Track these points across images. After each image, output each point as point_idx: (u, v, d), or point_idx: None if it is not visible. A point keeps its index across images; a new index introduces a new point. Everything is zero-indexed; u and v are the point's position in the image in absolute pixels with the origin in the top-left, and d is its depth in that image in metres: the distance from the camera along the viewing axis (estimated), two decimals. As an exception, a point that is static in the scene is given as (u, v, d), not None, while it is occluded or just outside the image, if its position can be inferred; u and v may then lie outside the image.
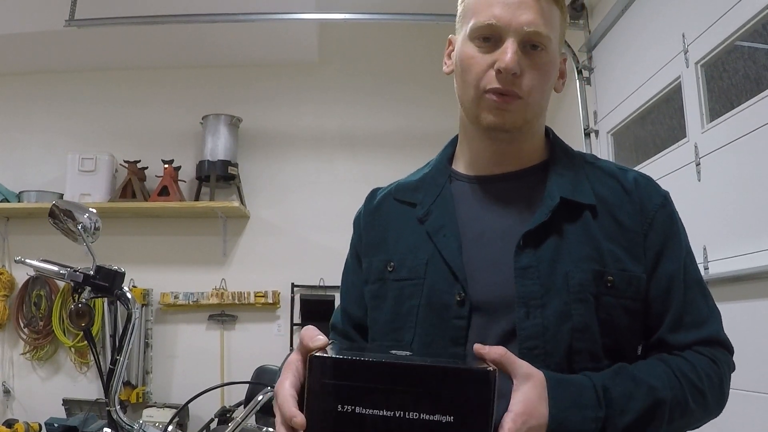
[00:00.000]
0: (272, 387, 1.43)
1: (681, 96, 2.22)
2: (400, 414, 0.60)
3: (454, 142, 0.98)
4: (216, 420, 1.91)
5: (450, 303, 0.83)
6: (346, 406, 0.61)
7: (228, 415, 1.94)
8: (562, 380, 0.73)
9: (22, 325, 4.21)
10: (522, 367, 0.69)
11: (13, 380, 4.31)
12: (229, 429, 1.42)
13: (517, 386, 0.68)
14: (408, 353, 0.68)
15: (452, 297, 0.83)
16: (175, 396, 3.94)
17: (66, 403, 4.08)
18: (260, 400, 1.41)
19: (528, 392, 0.68)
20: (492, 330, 0.81)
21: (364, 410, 0.61)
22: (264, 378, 1.66)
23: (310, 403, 0.63)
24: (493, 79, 0.82)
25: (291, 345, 3.83)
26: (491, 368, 0.62)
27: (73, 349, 4.14)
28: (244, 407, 1.50)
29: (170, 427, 1.44)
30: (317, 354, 0.64)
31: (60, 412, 4.04)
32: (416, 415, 0.60)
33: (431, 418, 0.60)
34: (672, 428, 0.77)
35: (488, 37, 0.83)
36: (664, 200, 0.87)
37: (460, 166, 0.94)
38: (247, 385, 1.62)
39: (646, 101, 2.49)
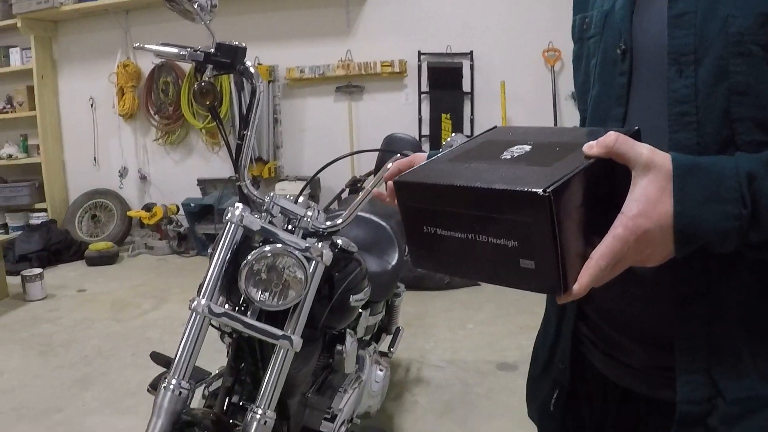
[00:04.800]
0: (402, 154, 1.35)
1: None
2: (473, 237, 0.57)
3: None
4: (347, 189, 1.88)
5: (616, 58, 0.73)
6: (429, 228, 0.61)
7: (359, 185, 1.92)
8: (694, 167, 0.57)
9: (152, 112, 4.34)
10: (641, 156, 0.56)
11: (149, 166, 4.51)
12: (359, 197, 1.37)
13: (635, 180, 0.57)
14: (527, 148, 0.62)
15: (618, 51, 0.73)
16: (306, 169, 4.02)
17: (200, 183, 4.25)
18: (389, 168, 1.34)
19: (647, 187, 0.56)
20: (652, 90, 0.69)
21: (443, 232, 0.60)
22: (393, 146, 1.58)
23: (405, 222, 0.64)
24: None
25: (419, 113, 3.78)
26: (543, 190, 0.51)
27: (203, 130, 4.26)
28: (374, 176, 1.45)
29: (301, 198, 1.40)
30: (396, 178, 0.63)
31: (195, 192, 4.21)
32: (485, 239, 0.57)
33: (498, 242, 0.56)
34: None
35: None
36: None
37: None
38: (377, 153, 1.55)
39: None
